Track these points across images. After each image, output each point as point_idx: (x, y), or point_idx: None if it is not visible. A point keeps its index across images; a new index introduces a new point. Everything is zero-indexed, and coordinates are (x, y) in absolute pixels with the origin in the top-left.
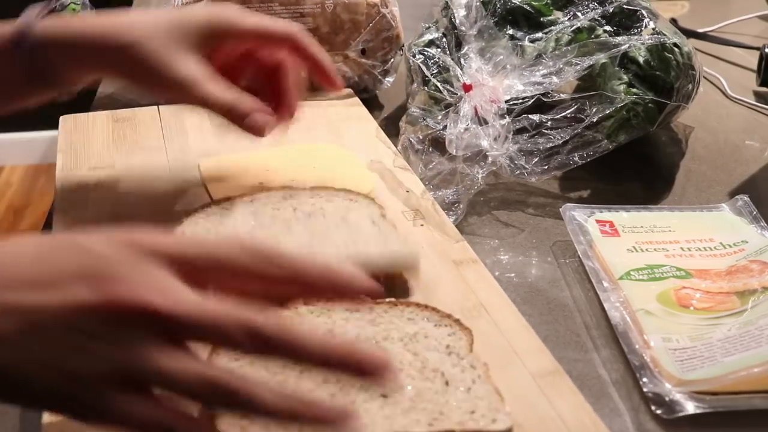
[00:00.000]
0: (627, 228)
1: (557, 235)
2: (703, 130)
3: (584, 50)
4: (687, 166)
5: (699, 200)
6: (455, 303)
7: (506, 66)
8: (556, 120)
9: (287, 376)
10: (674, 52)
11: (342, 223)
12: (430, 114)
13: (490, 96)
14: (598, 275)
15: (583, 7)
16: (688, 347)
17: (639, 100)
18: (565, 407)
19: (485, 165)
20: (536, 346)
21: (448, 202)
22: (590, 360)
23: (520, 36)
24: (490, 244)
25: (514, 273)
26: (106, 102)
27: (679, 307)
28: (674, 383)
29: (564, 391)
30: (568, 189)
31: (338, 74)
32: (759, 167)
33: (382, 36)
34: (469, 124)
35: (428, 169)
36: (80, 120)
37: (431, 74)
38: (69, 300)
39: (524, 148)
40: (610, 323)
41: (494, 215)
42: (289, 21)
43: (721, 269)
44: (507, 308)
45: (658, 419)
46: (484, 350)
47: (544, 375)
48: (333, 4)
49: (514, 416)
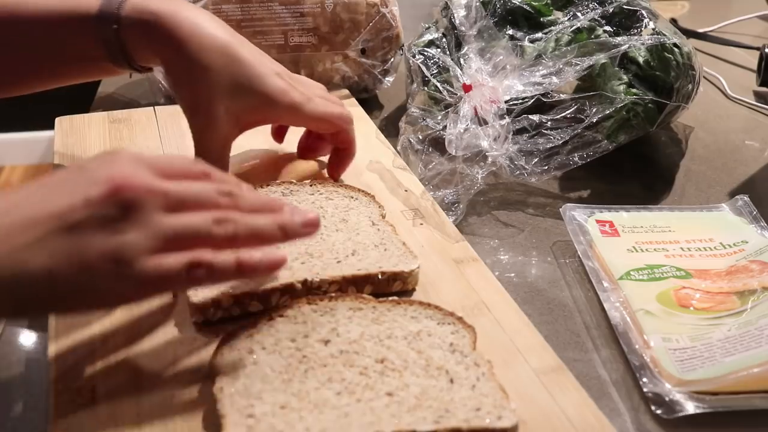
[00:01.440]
0: (627, 228)
1: (557, 235)
2: (703, 130)
3: (584, 50)
4: (687, 166)
5: (699, 200)
6: (457, 301)
7: (506, 66)
8: (556, 120)
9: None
10: (674, 52)
11: (341, 223)
12: (430, 114)
13: (490, 96)
14: (598, 275)
15: (583, 7)
16: (688, 347)
17: (639, 100)
18: (568, 404)
19: (485, 165)
20: (539, 343)
21: (448, 202)
22: (590, 360)
23: (520, 36)
24: (489, 244)
25: (514, 273)
26: (106, 102)
27: (678, 307)
28: (674, 383)
29: (567, 387)
30: (567, 189)
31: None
32: (759, 167)
33: (382, 36)
34: (469, 124)
35: (428, 169)
36: (76, 121)
37: (431, 74)
38: (80, 198)
39: (524, 149)
40: (610, 323)
41: (494, 215)
42: (342, 109)
43: (720, 269)
44: (508, 306)
45: (658, 419)
46: (487, 348)
47: (547, 372)
48: (333, 3)
49: (519, 413)
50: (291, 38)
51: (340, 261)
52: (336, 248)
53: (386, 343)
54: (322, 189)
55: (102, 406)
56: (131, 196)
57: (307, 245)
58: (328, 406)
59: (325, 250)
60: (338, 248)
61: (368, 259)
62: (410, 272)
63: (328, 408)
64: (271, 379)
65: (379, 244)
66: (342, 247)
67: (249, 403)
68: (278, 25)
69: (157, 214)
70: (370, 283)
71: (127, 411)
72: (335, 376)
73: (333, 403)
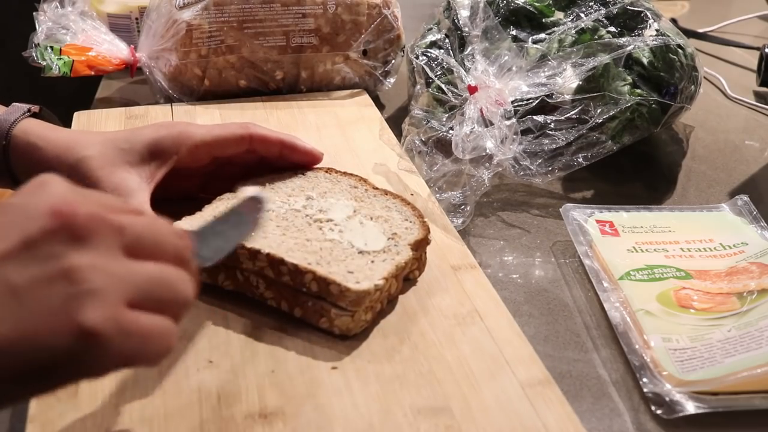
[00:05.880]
0: (627, 228)
1: (558, 236)
2: (704, 130)
3: (588, 51)
4: (687, 166)
5: (699, 200)
6: (450, 308)
7: (512, 68)
8: (561, 121)
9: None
10: (678, 53)
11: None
12: (434, 116)
13: (496, 98)
14: (598, 275)
15: (586, 8)
16: (688, 348)
17: (643, 101)
18: (551, 418)
19: (490, 166)
20: (528, 355)
21: (455, 204)
22: (590, 360)
23: (524, 37)
24: (494, 245)
25: (517, 274)
26: (106, 103)
27: (679, 307)
28: (674, 383)
29: (552, 401)
30: (570, 189)
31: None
32: (759, 167)
33: (384, 37)
34: (475, 126)
35: (433, 171)
36: (94, 116)
37: (435, 76)
38: (16, 240)
39: (529, 149)
40: (610, 323)
41: (499, 216)
42: (237, 123)
43: (720, 270)
44: (501, 315)
45: (658, 419)
46: (475, 358)
47: (533, 384)
48: (335, 4)
49: (499, 427)
50: (292, 39)
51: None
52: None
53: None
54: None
55: (83, 399)
56: (83, 228)
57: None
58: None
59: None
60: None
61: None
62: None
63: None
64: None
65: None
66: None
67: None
68: (279, 27)
69: (119, 256)
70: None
71: (108, 405)
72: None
73: (273, 229)
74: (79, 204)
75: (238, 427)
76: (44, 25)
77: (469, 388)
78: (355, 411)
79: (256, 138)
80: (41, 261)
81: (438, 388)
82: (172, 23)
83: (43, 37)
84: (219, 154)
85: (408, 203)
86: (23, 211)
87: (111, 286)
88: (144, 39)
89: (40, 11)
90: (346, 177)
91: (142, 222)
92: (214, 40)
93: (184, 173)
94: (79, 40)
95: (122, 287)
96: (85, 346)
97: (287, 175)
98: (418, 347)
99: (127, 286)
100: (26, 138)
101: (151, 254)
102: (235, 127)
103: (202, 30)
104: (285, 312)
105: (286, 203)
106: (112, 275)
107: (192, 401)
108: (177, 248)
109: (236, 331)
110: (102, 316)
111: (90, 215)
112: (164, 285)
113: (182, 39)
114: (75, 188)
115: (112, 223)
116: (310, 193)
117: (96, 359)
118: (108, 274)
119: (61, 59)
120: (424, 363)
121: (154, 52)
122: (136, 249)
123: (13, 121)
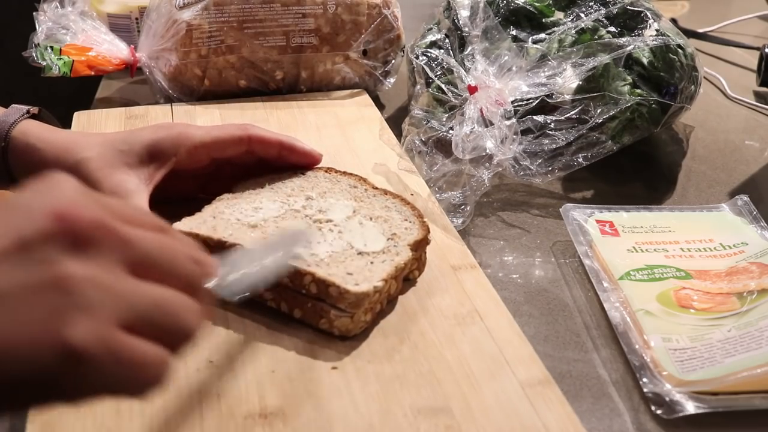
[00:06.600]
0: (627, 228)
1: (558, 236)
2: (703, 130)
3: (588, 51)
4: (687, 166)
5: (699, 200)
6: (450, 308)
7: (512, 68)
8: (561, 121)
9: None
10: (678, 53)
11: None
12: (434, 116)
13: (496, 98)
14: (598, 275)
15: (586, 8)
16: (688, 348)
17: (643, 101)
18: (551, 418)
19: (490, 166)
20: (528, 355)
21: (455, 204)
22: (590, 360)
23: (524, 37)
24: (494, 245)
25: (517, 274)
26: (106, 103)
27: (678, 307)
28: (674, 383)
29: (552, 401)
30: (570, 189)
31: (312, 150)
32: (759, 167)
33: (384, 37)
34: (475, 126)
35: (433, 171)
36: (94, 116)
37: (435, 76)
38: (11, 239)
39: (529, 149)
40: (610, 323)
41: (499, 216)
42: (236, 124)
43: (720, 270)
44: (501, 315)
45: (658, 419)
46: (475, 358)
47: (533, 384)
48: (335, 4)
49: (499, 426)
50: (292, 39)
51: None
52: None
53: (346, 212)
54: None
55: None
56: (84, 235)
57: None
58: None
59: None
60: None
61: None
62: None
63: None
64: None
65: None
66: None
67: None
68: (279, 27)
69: (121, 272)
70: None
71: (108, 405)
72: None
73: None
74: (85, 208)
75: (238, 427)
76: (44, 25)
77: (469, 388)
78: (355, 411)
79: (254, 139)
80: (33, 265)
81: (438, 388)
82: (172, 23)
83: (43, 37)
84: (218, 155)
85: (408, 203)
86: (25, 209)
87: (105, 303)
88: (144, 39)
89: (40, 11)
90: (346, 177)
91: (155, 239)
92: (214, 40)
93: (183, 174)
94: (79, 40)
95: (117, 306)
96: (68, 365)
97: (287, 175)
98: (418, 347)
99: (123, 305)
100: (25, 139)
101: (159, 276)
102: (233, 129)
103: (202, 30)
104: (285, 313)
105: (286, 203)
106: (108, 291)
107: (192, 401)
108: (190, 274)
109: (236, 331)
110: (90, 333)
111: (95, 222)
112: (166, 311)
113: (182, 39)
114: (87, 191)
115: (118, 234)
116: (309, 193)
117: (78, 382)
118: (103, 289)
119: (61, 59)
120: (424, 363)
121: (154, 52)
122: (142, 267)
123: (12, 122)
